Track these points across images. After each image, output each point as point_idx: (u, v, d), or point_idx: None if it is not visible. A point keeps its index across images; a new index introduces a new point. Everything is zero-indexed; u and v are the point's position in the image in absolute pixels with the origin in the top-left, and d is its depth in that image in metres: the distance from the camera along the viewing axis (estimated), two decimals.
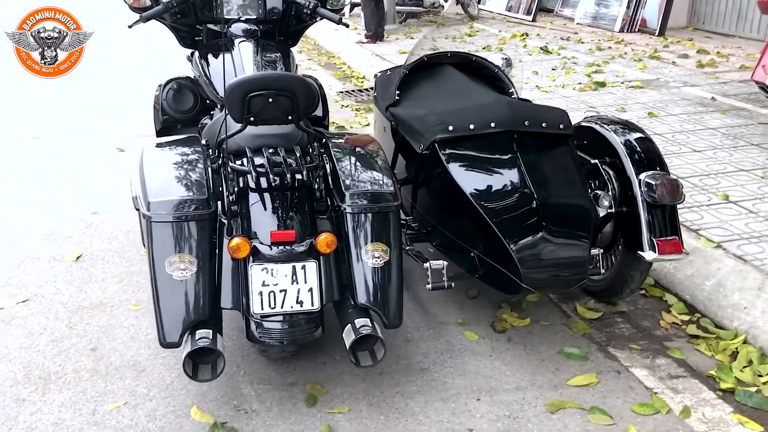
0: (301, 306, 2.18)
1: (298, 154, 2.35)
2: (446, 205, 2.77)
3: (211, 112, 3.24)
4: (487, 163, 2.62)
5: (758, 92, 5.69)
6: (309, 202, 2.35)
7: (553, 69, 6.90)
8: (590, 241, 2.45)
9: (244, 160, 2.32)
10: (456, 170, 2.59)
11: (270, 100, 2.25)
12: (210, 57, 3.11)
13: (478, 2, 11.06)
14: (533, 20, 10.30)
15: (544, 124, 2.67)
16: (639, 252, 2.58)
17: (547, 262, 2.39)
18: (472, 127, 2.65)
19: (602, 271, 2.75)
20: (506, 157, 2.60)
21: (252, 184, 2.32)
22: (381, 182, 2.38)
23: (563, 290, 2.91)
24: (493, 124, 2.64)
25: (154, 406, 2.36)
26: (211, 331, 2.12)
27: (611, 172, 2.74)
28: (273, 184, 2.29)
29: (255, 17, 3.18)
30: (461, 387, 2.44)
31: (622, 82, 6.26)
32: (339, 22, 3.15)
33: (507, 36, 9.05)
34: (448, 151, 2.64)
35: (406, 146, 2.98)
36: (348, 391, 2.41)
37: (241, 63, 2.88)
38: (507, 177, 2.56)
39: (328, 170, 2.44)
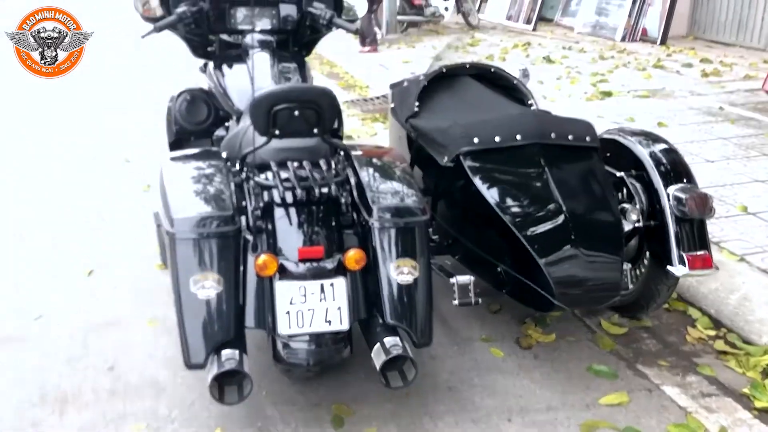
0: (330, 325, 2.11)
1: (324, 168, 2.29)
2: (470, 218, 2.72)
3: (226, 124, 3.18)
4: (514, 176, 2.58)
5: (766, 101, 5.70)
6: (335, 216, 2.29)
7: (557, 78, 6.88)
8: (622, 257, 2.40)
9: (269, 174, 2.26)
10: (482, 183, 2.53)
11: (296, 113, 2.20)
12: (225, 68, 3.06)
13: (479, 11, 11.08)
14: (534, 29, 10.32)
15: (570, 137, 2.62)
16: (668, 267, 2.52)
17: (579, 279, 2.33)
18: (497, 139, 2.60)
19: (630, 286, 2.70)
20: (533, 170, 2.55)
21: (278, 199, 2.25)
22: (409, 196, 2.31)
23: (594, 307, 2.85)
24: (519, 137, 2.59)
25: (176, 428, 2.29)
26: (237, 351, 2.05)
27: (637, 185, 2.69)
28: (300, 198, 2.22)
29: (269, 28, 3.13)
30: (491, 407, 2.37)
31: (629, 92, 6.24)
32: (355, 32, 3.11)
33: (509, 46, 9.04)
34: (472, 164, 2.58)
35: (424, 157, 2.93)
36: (375, 411, 2.35)
37: (258, 74, 2.82)
38: (534, 190, 2.51)
39: (353, 183, 2.38)
